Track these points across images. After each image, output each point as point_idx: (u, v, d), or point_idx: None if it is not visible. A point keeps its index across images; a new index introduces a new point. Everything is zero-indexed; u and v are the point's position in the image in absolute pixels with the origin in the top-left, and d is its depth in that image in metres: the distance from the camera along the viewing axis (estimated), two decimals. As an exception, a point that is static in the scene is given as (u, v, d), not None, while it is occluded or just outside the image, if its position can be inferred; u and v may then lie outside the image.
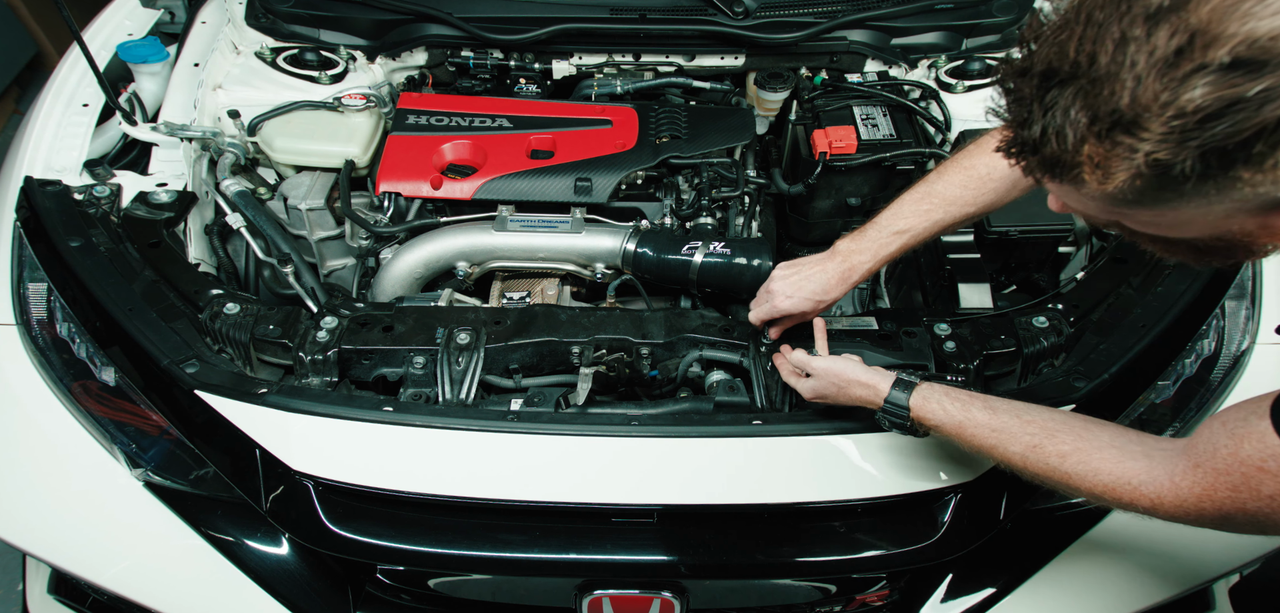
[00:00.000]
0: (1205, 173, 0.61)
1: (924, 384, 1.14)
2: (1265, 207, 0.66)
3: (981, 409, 1.07)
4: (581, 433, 1.29)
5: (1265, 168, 0.60)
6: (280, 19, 2.02)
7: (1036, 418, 1.03)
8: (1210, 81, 0.57)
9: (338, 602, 1.38)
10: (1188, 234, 0.74)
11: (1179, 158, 0.60)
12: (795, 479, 1.27)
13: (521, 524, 1.30)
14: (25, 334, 1.47)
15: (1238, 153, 0.59)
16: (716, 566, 1.31)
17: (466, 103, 1.90)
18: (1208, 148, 0.59)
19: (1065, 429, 1.00)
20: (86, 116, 1.81)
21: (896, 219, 1.29)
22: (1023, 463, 1.02)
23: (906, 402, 1.13)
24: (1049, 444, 1.00)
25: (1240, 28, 0.55)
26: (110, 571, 1.34)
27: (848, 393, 1.20)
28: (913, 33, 2.00)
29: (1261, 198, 0.64)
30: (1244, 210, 0.67)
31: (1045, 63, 0.64)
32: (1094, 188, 0.65)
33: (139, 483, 1.36)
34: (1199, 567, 1.34)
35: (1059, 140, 0.64)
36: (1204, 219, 0.69)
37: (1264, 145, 0.59)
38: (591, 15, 1.98)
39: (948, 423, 1.09)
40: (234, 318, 1.43)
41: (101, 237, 1.53)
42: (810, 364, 1.25)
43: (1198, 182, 0.63)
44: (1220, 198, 0.65)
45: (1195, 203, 0.66)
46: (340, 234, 1.81)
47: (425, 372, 1.38)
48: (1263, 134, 0.58)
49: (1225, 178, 0.62)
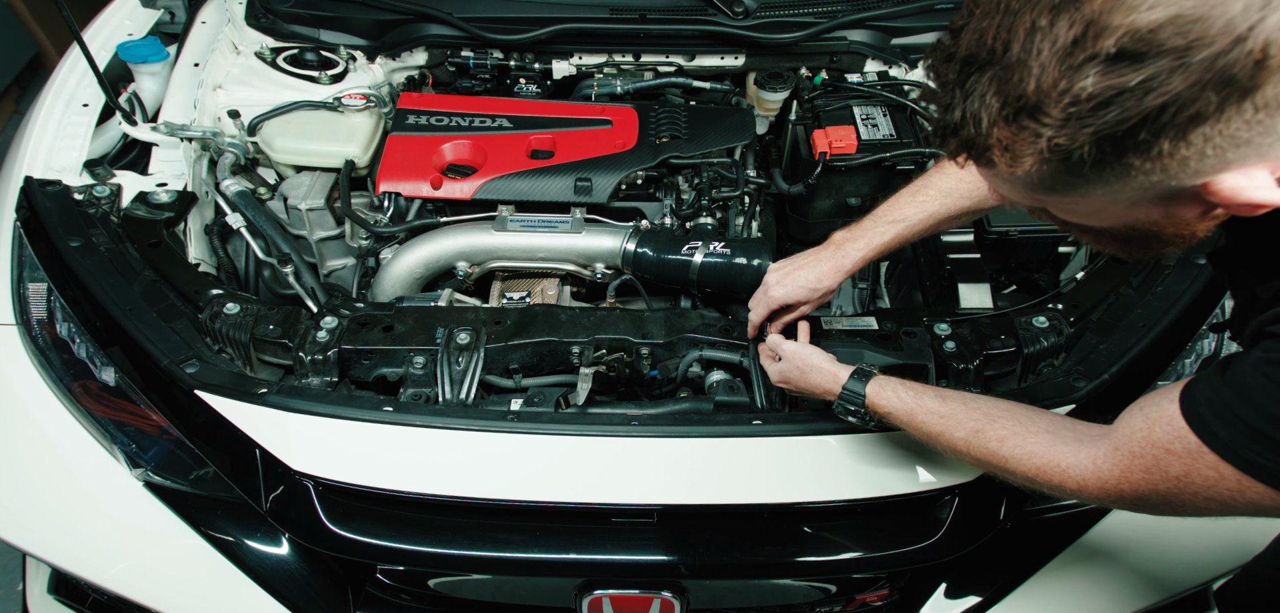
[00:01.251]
0: (1101, 159, 0.64)
1: (881, 376, 1.17)
2: (1164, 196, 0.68)
3: (933, 398, 1.10)
4: (581, 433, 1.29)
5: (1152, 155, 0.62)
6: (280, 19, 2.02)
7: (981, 405, 1.06)
8: (1099, 70, 0.59)
9: (338, 602, 1.38)
10: (1105, 223, 0.76)
11: (1077, 143, 0.63)
12: (795, 479, 1.27)
13: (521, 524, 1.30)
14: (25, 334, 1.47)
15: (1127, 140, 0.61)
16: (716, 566, 1.31)
17: (466, 103, 1.90)
18: (1101, 134, 0.61)
19: (1006, 415, 1.03)
20: (86, 116, 1.81)
21: (892, 210, 1.30)
22: (966, 448, 1.05)
23: (862, 390, 1.17)
24: (990, 429, 1.03)
25: (1124, 19, 0.57)
26: (110, 571, 1.34)
27: (808, 379, 1.24)
28: (913, 33, 2.00)
29: (1156, 186, 0.66)
30: (1145, 199, 0.69)
31: (967, 49, 0.67)
32: (1005, 170, 0.68)
33: (139, 483, 1.36)
34: (1196, 568, 1.35)
35: (975, 124, 0.67)
36: (1113, 207, 0.72)
37: (1148, 133, 0.60)
38: (591, 15, 1.98)
39: (899, 410, 1.12)
40: (234, 318, 1.43)
41: (101, 237, 1.53)
42: (781, 347, 1.29)
43: (1096, 167, 0.65)
44: (1121, 186, 0.67)
45: (1100, 190, 0.69)
46: (340, 234, 1.81)
47: (425, 372, 1.38)
48: (1146, 122, 0.60)
49: (1120, 165, 0.64)
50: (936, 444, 1.10)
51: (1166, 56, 0.57)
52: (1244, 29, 0.56)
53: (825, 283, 1.33)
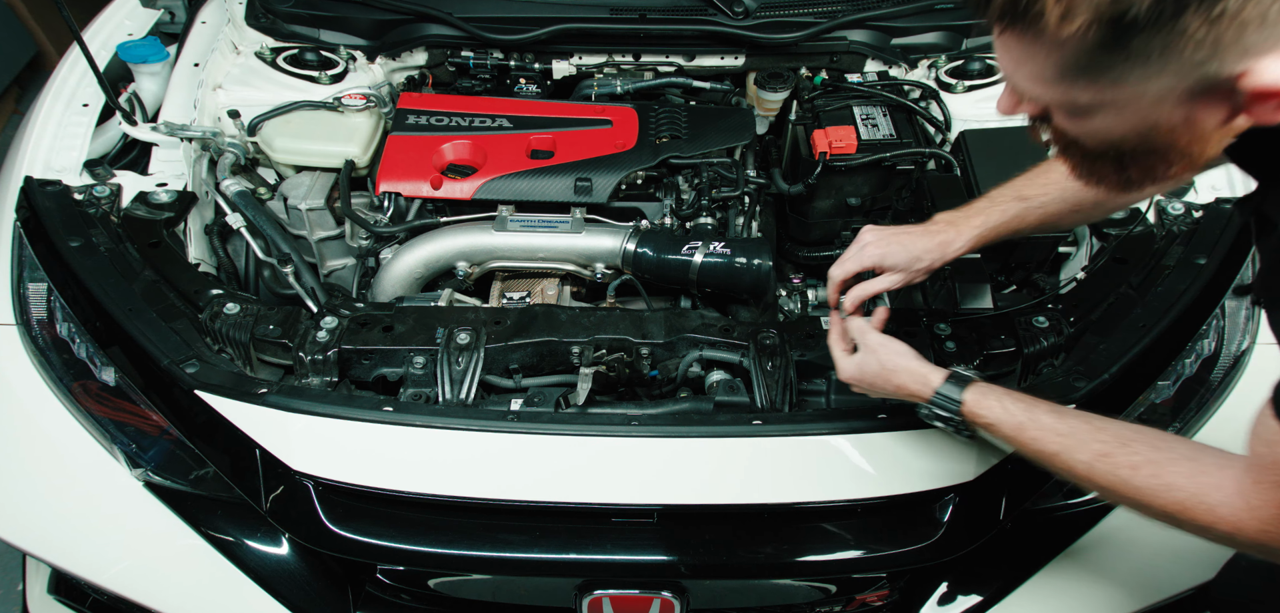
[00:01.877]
0: (1157, 18, 0.59)
1: (981, 382, 1.08)
2: (1195, 90, 0.65)
3: (1048, 412, 1.00)
4: (581, 433, 1.28)
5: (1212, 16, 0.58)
6: (280, 19, 2.02)
7: (1109, 427, 0.95)
8: None
9: (338, 602, 1.38)
10: (1119, 128, 0.73)
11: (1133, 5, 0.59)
12: (795, 479, 1.27)
13: (521, 524, 1.30)
14: (25, 334, 1.46)
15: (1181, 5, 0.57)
16: (716, 566, 1.31)
17: (466, 103, 1.90)
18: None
19: (1139, 440, 0.93)
20: (86, 116, 1.81)
21: (1011, 189, 1.20)
22: (1088, 474, 0.95)
23: (959, 397, 1.07)
24: (1121, 454, 0.92)
25: None
26: (110, 571, 1.34)
27: (893, 380, 1.13)
28: (913, 33, 2.00)
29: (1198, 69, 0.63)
30: (1177, 90, 0.66)
31: None
32: (1052, 30, 0.63)
33: (139, 483, 1.36)
34: (1198, 567, 1.35)
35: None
36: (1139, 103, 0.68)
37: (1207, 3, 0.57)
38: (591, 15, 1.98)
39: (1005, 423, 1.02)
40: (234, 318, 1.43)
41: (101, 237, 1.53)
42: (866, 335, 1.18)
43: (1146, 34, 0.61)
44: (1161, 66, 0.64)
45: (1137, 72, 0.65)
46: (340, 234, 1.81)
47: (425, 372, 1.38)
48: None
49: (1174, 28, 0.60)
50: (1050, 465, 1.00)
51: None
52: None
53: (926, 259, 1.23)
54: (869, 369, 1.17)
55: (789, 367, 1.37)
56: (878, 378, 1.15)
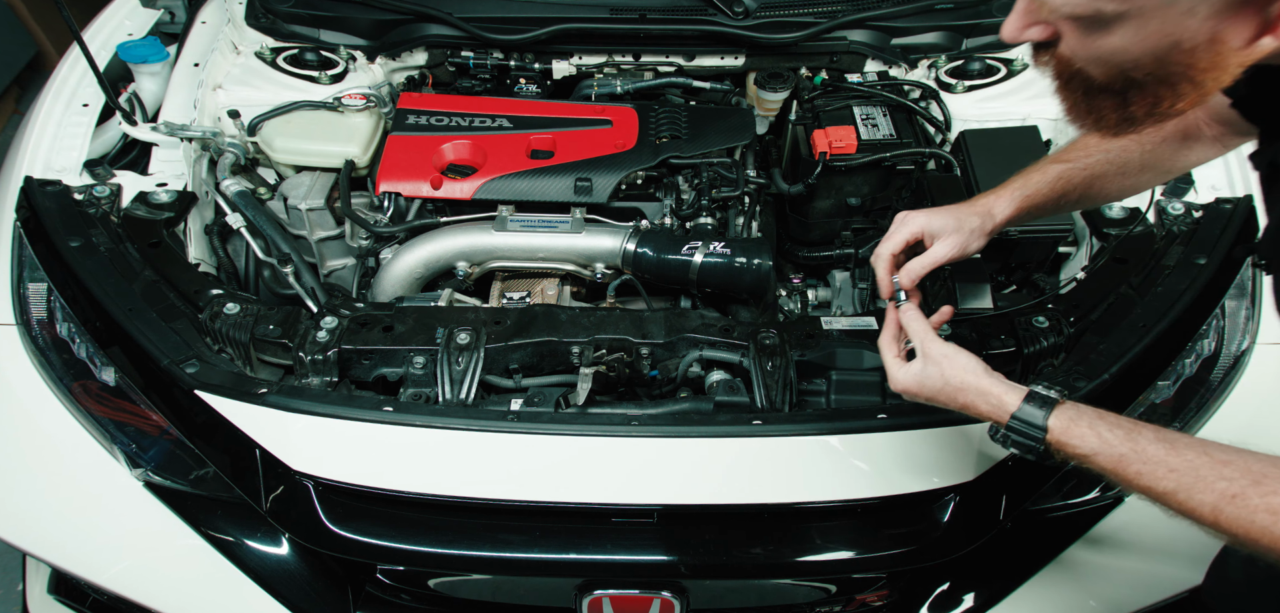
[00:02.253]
0: None
1: (1070, 403, 0.94)
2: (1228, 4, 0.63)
3: (1155, 441, 0.85)
4: (581, 433, 1.28)
5: None
6: (280, 19, 2.02)
7: (1234, 459, 0.81)
8: None
9: (338, 602, 1.38)
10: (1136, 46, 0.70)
11: None
12: (795, 479, 1.27)
13: (521, 524, 1.30)
14: (25, 334, 1.46)
15: None
16: (716, 566, 1.31)
17: (466, 103, 1.90)
18: None
19: (1275, 473, 0.79)
20: (86, 116, 1.81)
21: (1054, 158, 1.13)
22: (1214, 517, 0.81)
23: (1044, 423, 0.92)
24: (1255, 495, 0.79)
25: None
26: (110, 571, 1.34)
27: (960, 398, 1.00)
28: (913, 33, 2.00)
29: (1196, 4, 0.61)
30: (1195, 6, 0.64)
31: None
32: None
33: (139, 483, 1.36)
34: (1195, 567, 1.34)
35: None
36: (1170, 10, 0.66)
37: None
38: (591, 15, 1.98)
39: (1104, 454, 0.88)
40: (234, 318, 1.43)
41: (101, 237, 1.53)
42: (928, 343, 1.03)
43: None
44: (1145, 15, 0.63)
45: None
46: (340, 234, 1.81)
47: (425, 372, 1.38)
48: None
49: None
50: (1163, 503, 0.85)
51: None
52: None
53: (973, 222, 1.12)
54: (930, 382, 1.02)
55: (789, 367, 1.37)
56: (941, 393, 1.02)
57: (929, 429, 1.28)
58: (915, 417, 1.29)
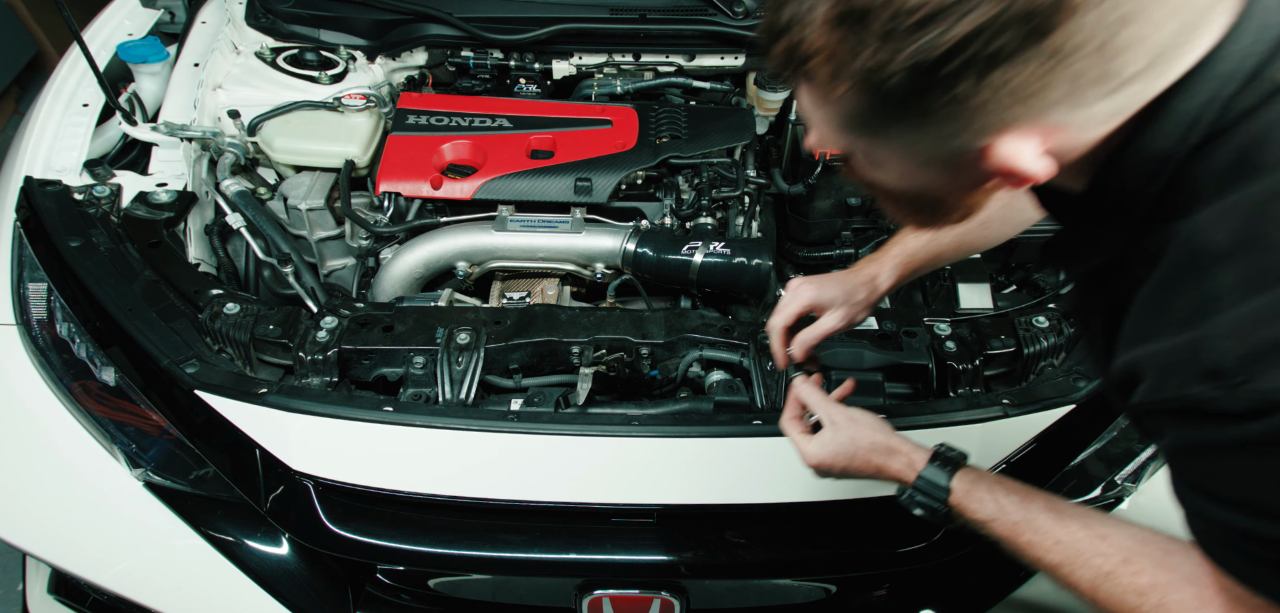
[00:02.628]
0: (909, 93, 0.60)
1: (972, 468, 0.93)
2: (952, 157, 0.66)
3: (1045, 512, 0.86)
4: (581, 433, 1.28)
5: (953, 97, 0.58)
6: (280, 19, 2.02)
7: (1112, 534, 0.81)
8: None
9: (338, 602, 1.38)
10: (898, 183, 0.73)
11: (893, 68, 0.59)
12: (795, 479, 1.27)
13: (521, 524, 1.30)
14: (25, 334, 1.46)
15: (935, 69, 0.57)
16: (716, 566, 1.31)
17: (466, 103, 1.90)
18: (914, 60, 0.57)
19: (1144, 554, 0.78)
20: (86, 116, 1.81)
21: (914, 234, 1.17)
22: (1093, 593, 0.82)
23: (947, 484, 0.92)
24: (1125, 574, 0.79)
25: None
26: (110, 571, 1.34)
27: (871, 460, 0.99)
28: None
29: (947, 141, 0.64)
30: (936, 158, 0.67)
31: None
32: (823, 84, 0.64)
33: (139, 483, 1.36)
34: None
35: (803, 26, 0.62)
36: (908, 164, 0.69)
37: (954, 66, 0.57)
38: (591, 15, 1.98)
39: (1000, 520, 0.88)
40: (234, 318, 1.43)
41: (101, 237, 1.53)
42: (829, 409, 1.03)
43: (902, 105, 0.61)
44: (919, 134, 0.65)
45: (900, 137, 0.66)
46: (340, 234, 1.81)
47: (425, 372, 1.38)
48: (955, 51, 0.56)
49: (923, 105, 0.61)
50: (1053, 576, 0.86)
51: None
52: None
53: (860, 294, 1.15)
54: (841, 447, 1.01)
55: (789, 367, 1.37)
56: (854, 458, 1.00)
57: (929, 429, 1.28)
58: (915, 417, 1.29)
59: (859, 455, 1.00)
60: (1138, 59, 0.57)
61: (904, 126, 0.65)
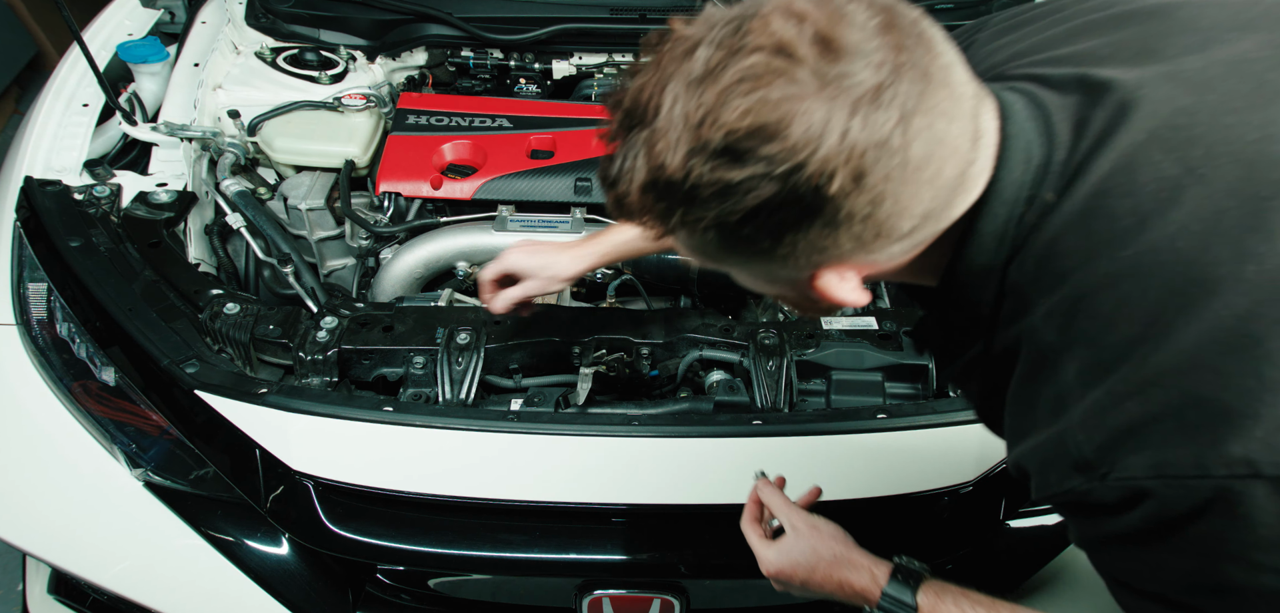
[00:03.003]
0: (723, 244, 0.64)
1: (935, 581, 0.93)
2: (787, 283, 0.70)
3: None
4: (581, 433, 1.28)
5: (760, 248, 0.63)
6: (280, 19, 2.02)
7: None
8: (713, 161, 0.58)
9: (338, 602, 1.38)
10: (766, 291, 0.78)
11: (700, 227, 0.63)
12: (795, 479, 1.27)
13: (521, 524, 1.30)
14: (25, 334, 1.46)
15: (739, 230, 0.62)
16: (716, 566, 1.31)
17: (466, 103, 1.90)
18: (719, 222, 0.62)
19: None
20: (86, 116, 1.81)
21: None
22: None
23: (913, 601, 0.91)
24: None
25: (728, 117, 0.57)
26: (110, 571, 1.34)
27: (833, 574, 0.97)
28: (913, 33, 2.00)
29: (776, 274, 0.69)
30: (776, 282, 0.72)
31: (630, 101, 0.64)
32: (653, 236, 0.68)
33: (139, 483, 1.36)
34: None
35: (627, 184, 0.64)
36: (756, 282, 0.74)
37: (752, 229, 0.61)
38: (591, 15, 1.98)
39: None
40: (234, 318, 1.43)
41: (101, 237, 1.53)
42: (791, 515, 1.02)
43: (722, 250, 0.66)
44: (750, 267, 0.69)
45: (738, 267, 0.70)
46: (340, 234, 1.81)
47: (425, 372, 1.38)
48: (749, 218, 0.60)
49: (738, 252, 0.65)
50: None
51: (760, 163, 0.57)
52: (805, 156, 0.56)
53: (560, 270, 1.30)
54: (802, 556, 0.99)
55: (789, 367, 1.37)
56: (815, 568, 0.98)
57: (929, 430, 1.28)
58: (915, 417, 1.29)
59: (820, 569, 0.98)
60: (906, 221, 0.62)
61: (736, 264, 0.69)
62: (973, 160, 0.64)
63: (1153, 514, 0.59)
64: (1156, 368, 0.59)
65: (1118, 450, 0.60)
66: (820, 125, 0.56)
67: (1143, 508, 0.60)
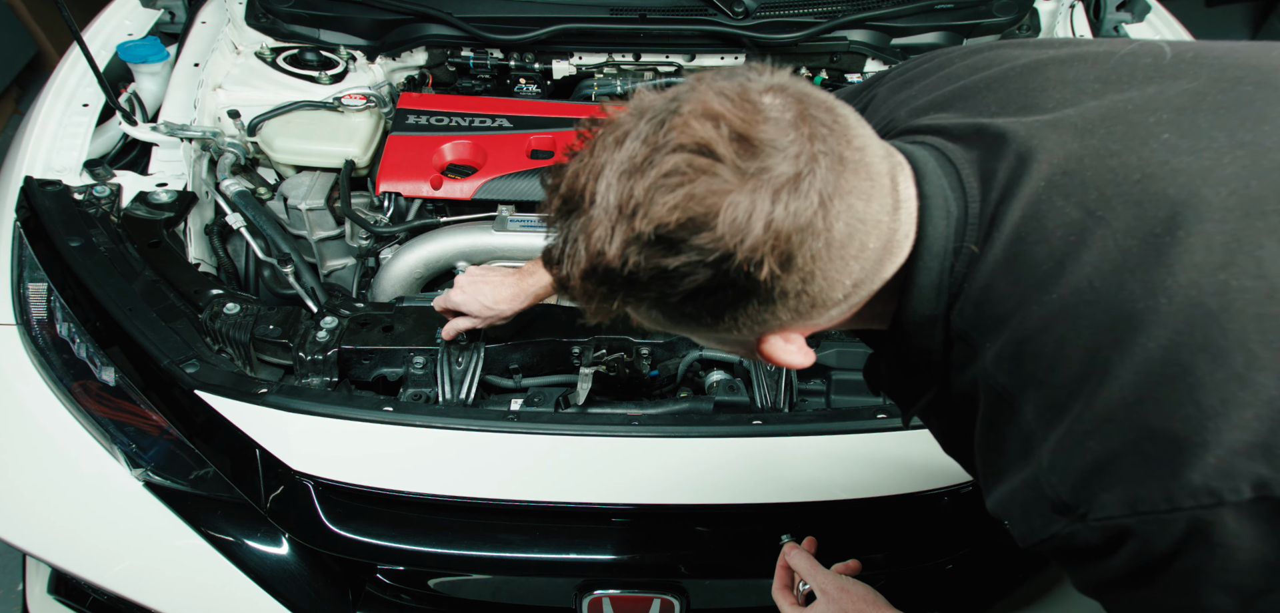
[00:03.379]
0: (667, 319, 0.67)
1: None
2: (739, 342, 0.72)
3: None
4: (581, 433, 1.29)
5: (704, 323, 0.66)
6: (280, 19, 2.02)
7: None
8: (646, 249, 0.61)
9: (338, 602, 1.38)
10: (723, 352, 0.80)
11: (640, 307, 0.66)
12: (795, 479, 1.27)
13: (521, 524, 1.30)
14: (25, 334, 1.46)
15: (681, 309, 0.64)
16: (716, 566, 1.31)
17: (466, 103, 1.90)
18: (659, 302, 0.64)
19: None
20: (86, 116, 1.81)
21: None
22: None
23: None
24: None
25: (658, 209, 0.59)
26: (110, 571, 1.34)
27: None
28: (913, 33, 2.00)
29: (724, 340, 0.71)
30: (723, 343, 0.74)
31: (567, 188, 0.65)
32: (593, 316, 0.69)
33: (139, 483, 1.36)
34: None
35: (570, 266, 0.66)
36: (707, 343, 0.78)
37: (693, 307, 0.64)
38: (591, 15, 1.98)
39: None
40: (234, 318, 1.43)
41: (101, 237, 1.53)
42: (823, 581, 1.02)
43: (670, 323, 0.68)
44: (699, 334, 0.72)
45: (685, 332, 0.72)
46: (340, 234, 1.81)
47: (425, 372, 1.38)
48: (689, 299, 0.63)
49: (682, 324, 0.68)
50: None
51: (693, 252, 0.59)
52: (733, 245, 0.59)
53: (502, 305, 1.33)
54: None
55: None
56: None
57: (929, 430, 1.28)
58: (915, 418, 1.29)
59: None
60: (838, 290, 0.65)
61: (685, 331, 0.71)
62: (895, 229, 0.67)
63: (1138, 553, 0.60)
64: (1105, 405, 0.60)
65: (1090, 489, 0.61)
66: (745, 215, 0.58)
67: (1128, 548, 0.60)
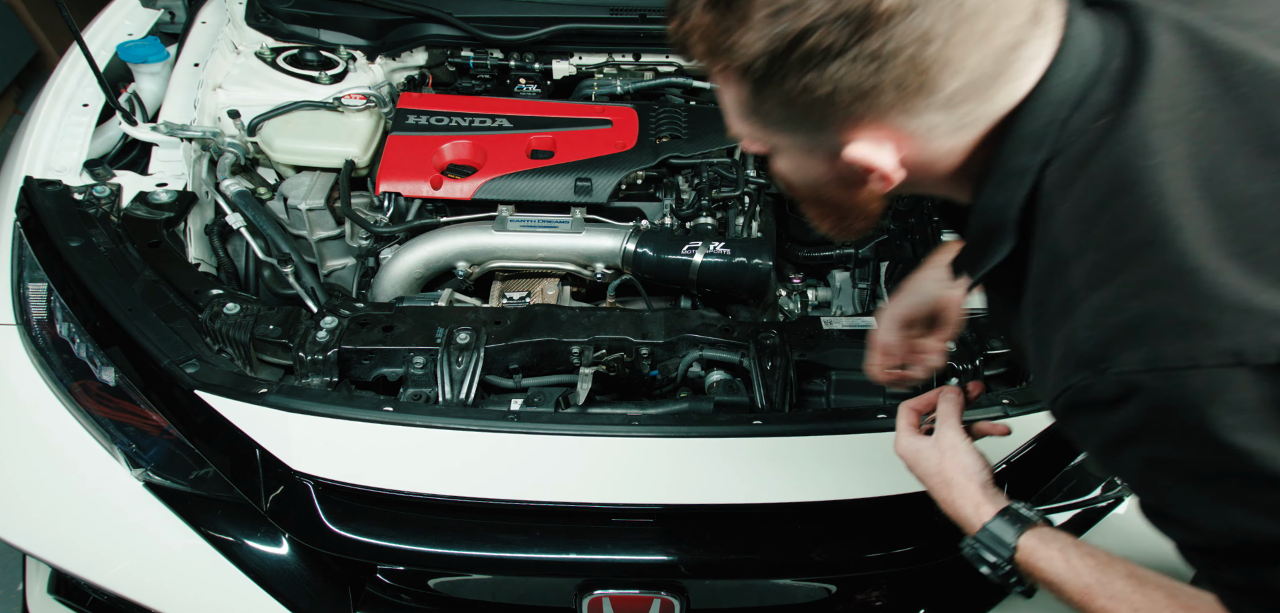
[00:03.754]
0: (768, 77, 0.65)
1: (1042, 526, 0.90)
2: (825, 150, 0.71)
3: (1124, 578, 0.81)
4: (581, 433, 1.29)
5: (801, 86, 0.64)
6: (280, 19, 2.02)
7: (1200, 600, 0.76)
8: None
9: (338, 602, 1.38)
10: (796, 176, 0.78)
11: (753, 52, 0.63)
12: (795, 479, 1.27)
13: (521, 524, 1.30)
14: (25, 334, 1.46)
15: (785, 57, 0.62)
16: (716, 566, 1.31)
17: (466, 103, 1.90)
18: (771, 47, 0.62)
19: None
20: (86, 116, 1.81)
21: None
22: None
23: (1014, 541, 0.89)
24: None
25: None
26: (110, 571, 1.34)
27: (946, 492, 0.98)
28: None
29: (814, 131, 0.69)
30: (813, 150, 0.72)
31: None
32: (705, 62, 0.69)
33: (139, 483, 1.36)
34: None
35: (689, 6, 0.67)
36: (793, 152, 0.74)
37: (799, 55, 0.62)
38: (591, 15, 1.98)
39: (1072, 583, 0.84)
40: (234, 318, 1.43)
41: (101, 237, 1.53)
42: (945, 431, 1.01)
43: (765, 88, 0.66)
44: (789, 124, 0.70)
45: (776, 125, 0.71)
46: (340, 234, 1.81)
47: (425, 372, 1.38)
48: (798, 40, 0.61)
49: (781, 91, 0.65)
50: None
51: None
52: None
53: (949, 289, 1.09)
54: (927, 462, 1.00)
55: (789, 367, 1.37)
56: (932, 476, 0.99)
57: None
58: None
59: (938, 478, 0.99)
60: (952, 78, 0.63)
61: (779, 116, 0.69)
62: (1026, 40, 0.65)
63: (1145, 406, 0.62)
64: (1161, 269, 0.61)
65: (1116, 347, 0.62)
66: None
67: (1135, 401, 0.62)
